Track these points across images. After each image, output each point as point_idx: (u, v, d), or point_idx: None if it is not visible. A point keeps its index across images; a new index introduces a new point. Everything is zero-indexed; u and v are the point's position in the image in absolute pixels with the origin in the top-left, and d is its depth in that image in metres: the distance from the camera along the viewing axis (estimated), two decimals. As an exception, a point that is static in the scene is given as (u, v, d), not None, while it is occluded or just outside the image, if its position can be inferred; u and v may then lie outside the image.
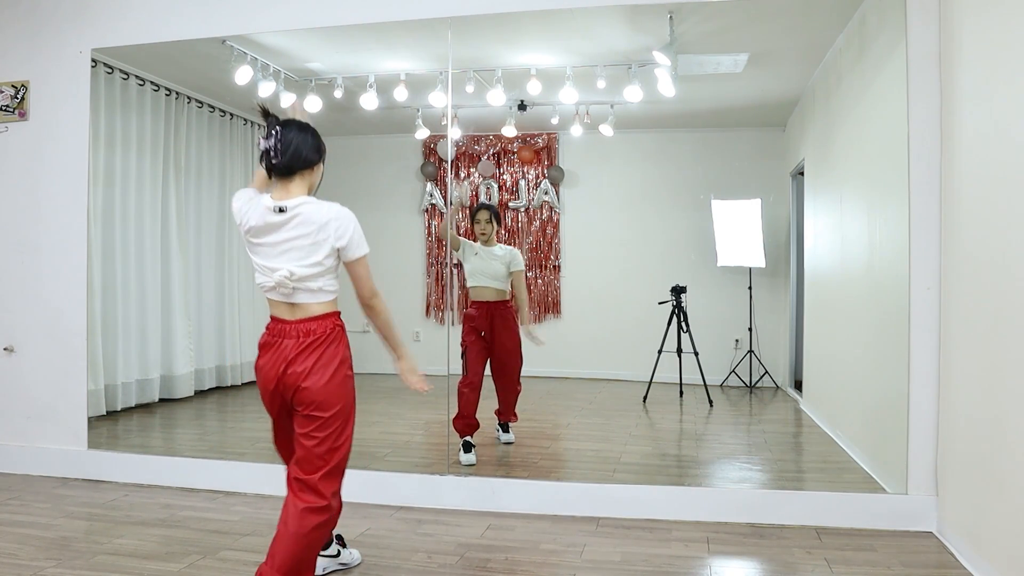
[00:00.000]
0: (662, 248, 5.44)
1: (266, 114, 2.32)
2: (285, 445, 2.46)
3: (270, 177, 2.33)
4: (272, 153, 2.27)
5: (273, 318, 2.34)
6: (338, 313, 2.36)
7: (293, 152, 2.28)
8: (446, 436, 3.91)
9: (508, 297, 4.24)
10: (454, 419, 4.03)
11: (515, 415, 4.34)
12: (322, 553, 2.61)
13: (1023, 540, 2.31)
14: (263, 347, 2.34)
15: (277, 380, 2.27)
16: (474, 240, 4.27)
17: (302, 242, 2.25)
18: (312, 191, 2.37)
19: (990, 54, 2.62)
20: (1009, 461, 2.41)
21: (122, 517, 3.30)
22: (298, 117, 2.41)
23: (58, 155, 4.01)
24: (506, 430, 4.34)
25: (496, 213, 4.38)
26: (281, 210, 2.24)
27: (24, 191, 4.06)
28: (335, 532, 2.69)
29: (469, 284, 4.28)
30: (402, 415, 5.02)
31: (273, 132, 2.28)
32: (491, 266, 4.20)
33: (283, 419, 2.39)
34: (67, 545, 2.94)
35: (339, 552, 2.71)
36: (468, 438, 4.01)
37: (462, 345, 4.18)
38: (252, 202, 2.32)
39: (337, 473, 2.33)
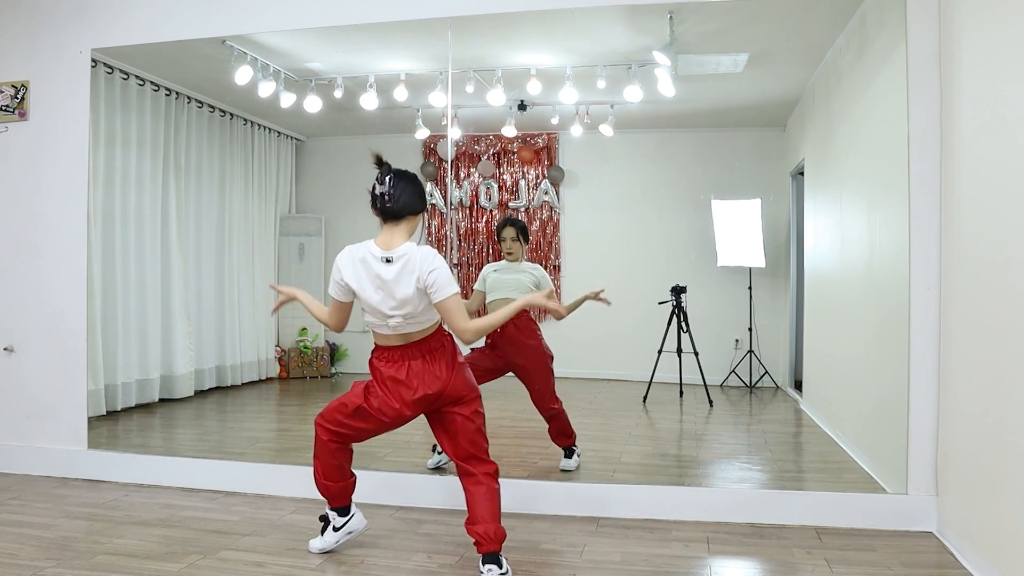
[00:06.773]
0: (662, 248, 5.43)
1: (380, 162, 2.66)
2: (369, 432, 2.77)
3: (380, 218, 2.64)
4: (386, 198, 2.59)
5: (383, 347, 2.67)
6: (439, 323, 2.69)
7: (405, 200, 2.61)
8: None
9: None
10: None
11: (571, 436, 3.83)
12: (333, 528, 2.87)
13: (1023, 540, 2.31)
14: (392, 378, 2.63)
15: (440, 392, 2.62)
16: (499, 260, 3.87)
17: (406, 290, 2.53)
18: (412, 234, 2.68)
19: (990, 54, 2.62)
20: (1009, 461, 2.41)
21: (122, 517, 3.30)
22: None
23: (58, 155, 4.00)
24: (568, 455, 3.82)
25: (523, 229, 3.89)
26: (388, 260, 2.55)
27: (24, 191, 4.06)
28: (335, 507, 2.88)
29: (488, 299, 3.79)
30: (402, 415, 5.01)
31: (388, 179, 2.60)
32: (517, 278, 3.76)
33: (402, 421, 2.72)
34: (67, 545, 2.94)
35: (343, 524, 2.89)
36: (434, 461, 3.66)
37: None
38: (356, 263, 2.60)
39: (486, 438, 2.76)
